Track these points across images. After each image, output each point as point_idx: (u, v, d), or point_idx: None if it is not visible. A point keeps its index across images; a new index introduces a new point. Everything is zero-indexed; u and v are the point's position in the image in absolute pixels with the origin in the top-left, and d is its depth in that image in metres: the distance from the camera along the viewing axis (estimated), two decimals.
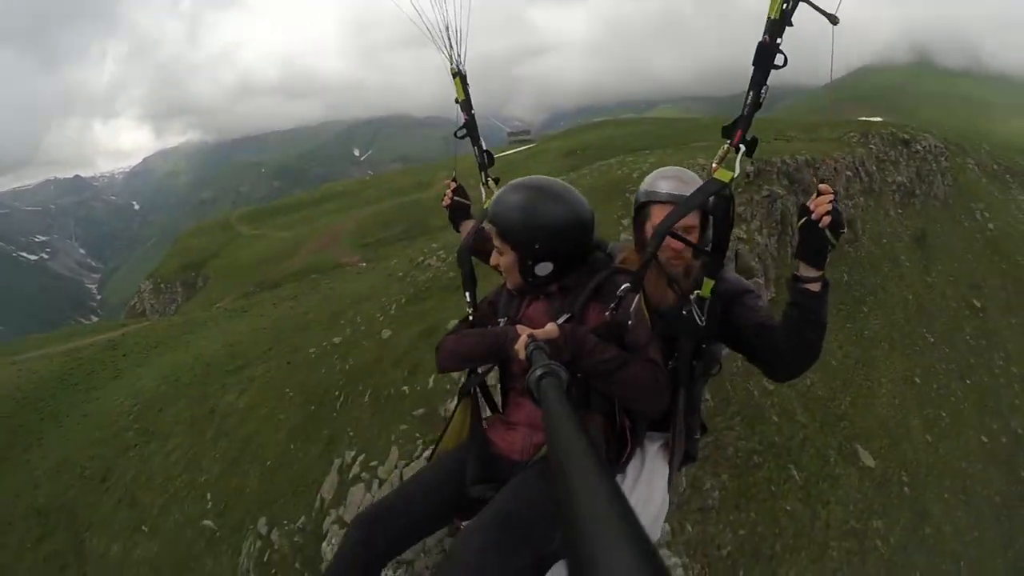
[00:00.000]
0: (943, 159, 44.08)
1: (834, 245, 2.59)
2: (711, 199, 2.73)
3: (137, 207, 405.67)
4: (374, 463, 12.56)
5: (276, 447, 15.85)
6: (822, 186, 2.60)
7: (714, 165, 2.70)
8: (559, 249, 2.82)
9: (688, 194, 2.90)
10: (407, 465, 11.98)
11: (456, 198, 3.77)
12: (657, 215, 3.07)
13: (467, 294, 3.46)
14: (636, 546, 0.68)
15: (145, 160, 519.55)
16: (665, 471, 3.07)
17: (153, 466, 19.75)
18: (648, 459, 3.06)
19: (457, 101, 3.67)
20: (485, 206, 3.45)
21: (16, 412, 30.68)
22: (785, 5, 2.43)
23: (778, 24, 2.43)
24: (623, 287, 2.79)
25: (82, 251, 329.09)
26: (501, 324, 3.03)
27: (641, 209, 3.14)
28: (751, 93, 2.58)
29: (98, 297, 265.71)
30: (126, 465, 21.13)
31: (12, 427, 29.33)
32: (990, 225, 40.91)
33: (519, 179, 2.90)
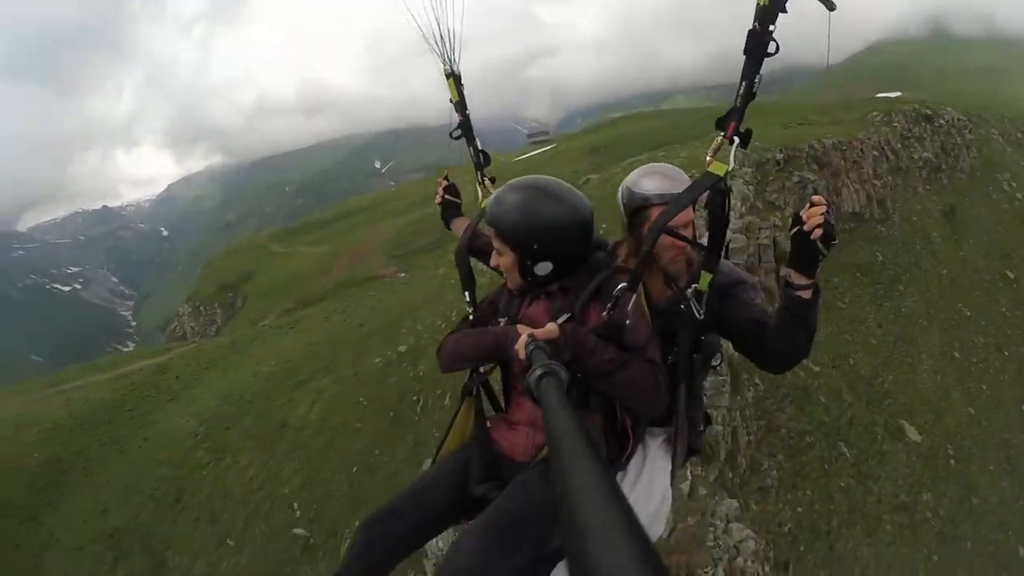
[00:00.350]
0: (967, 132, 43.73)
1: (825, 255, 2.64)
2: (707, 193, 2.75)
3: (165, 233, 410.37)
4: None
5: (359, 454, 16.40)
6: (815, 197, 2.63)
7: (708, 158, 2.71)
8: (558, 249, 2.81)
9: (676, 191, 2.95)
10: None
11: (447, 196, 3.79)
12: (655, 216, 3.00)
13: (466, 294, 3.44)
14: (635, 546, 0.67)
15: (169, 187, 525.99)
16: (667, 467, 3.04)
17: (229, 482, 20.58)
18: (650, 455, 3.03)
19: (452, 101, 3.68)
20: (482, 205, 3.48)
21: (73, 439, 31.85)
22: None
23: (769, 11, 2.38)
24: (620, 286, 2.78)
25: (114, 279, 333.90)
26: (501, 324, 3.02)
27: (637, 212, 3.09)
28: (744, 83, 2.54)
29: (133, 324, 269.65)
30: (199, 484, 21.94)
31: (70, 454, 30.37)
32: (1018, 195, 40.81)
33: (517, 179, 2.87)
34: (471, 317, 3.30)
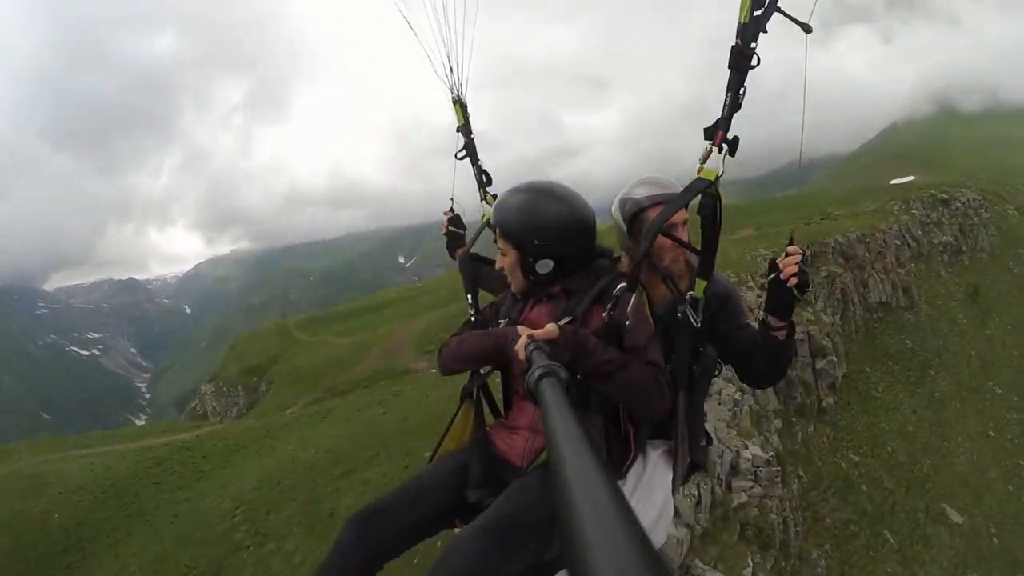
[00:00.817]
0: (983, 211, 45.10)
1: (799, 300, 2.74)
2: (699, 199, 2.81)
3: (189, 310, 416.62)
4: None
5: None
6: (791, 248, 2.74)
7: (699, 165, 2.78)
8: (559, 247, 2.85)
9: (668, 193, 3.06)
10: None
11: (452, 228, 3.87)
12: (652, 216, 3.07)
13: (469, 297, 3.46)
14: (639, 551, 0.65)
15: (197, 266, 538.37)
16: (667, 478, 3.02)
17: (273, 567, 20.17)
18: (649, 466, 3.00)
19: (458, 129, 3.85)
20: (482, 226, 3.63)
21: (97, 506, 31.07)
22: (756, 11, 2.49)
23: (750, 28, 2.49)
24: (619, 287, 2.80)
25: (133, 350, 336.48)
26: (502, 325, 3.03)
27: (635, 219, 3.13)
28: (729, 95, 2.62)
29: (147, 396, 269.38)
30: (239, 565, 21.40)
31: (95, 521, 29.55)
32: None
33: (521, 183, 2.94)
34: (473, 320, 3.31)
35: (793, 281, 2.68)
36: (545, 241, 2.84)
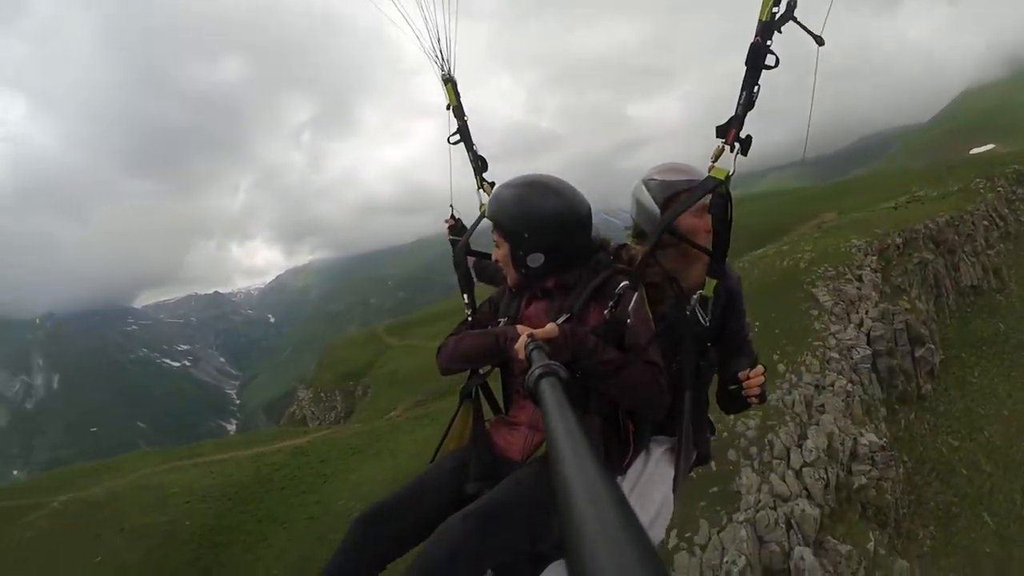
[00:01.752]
0: None
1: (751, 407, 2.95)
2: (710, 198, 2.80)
3: (272, 320, 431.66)
4: (688, 534, 15.78)
5: None
6: (756, 368, 2.94)
7: (710, 164, 2.78)
8: (549, 240, 2.83)
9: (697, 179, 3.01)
10: (719, 532, 15.78)
11: (453, 237, 3.85)
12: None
13: (465, 296, 3.45)
14: (635, 546, 0.67)
15: (278, 277, 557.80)
16: (668, 474, 3.03)
17: None
18: (652, 462, 3.02)
19: (449, 107, 3.74)
20: (482, 208, 3.55)
21: (225, 513, 32.83)
22: (775, 9, 2.50)
23: (768, 26, 2.50)
24: (622, 285, 2.79)
25: (222, 359, 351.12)
26: (501, 324, 3.02)
27: (670, 202, 3.08)
28: (744, 93, 2.62)
29: (237, 402, 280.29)
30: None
31: (226, 528, 31.26)
32: None
33: (517, 177, 2.94)
34: (470, 319, 3.32)
35: (754, 401, 2.94)
36: (535, 234, 2.82)
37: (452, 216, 3.86)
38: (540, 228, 2.81)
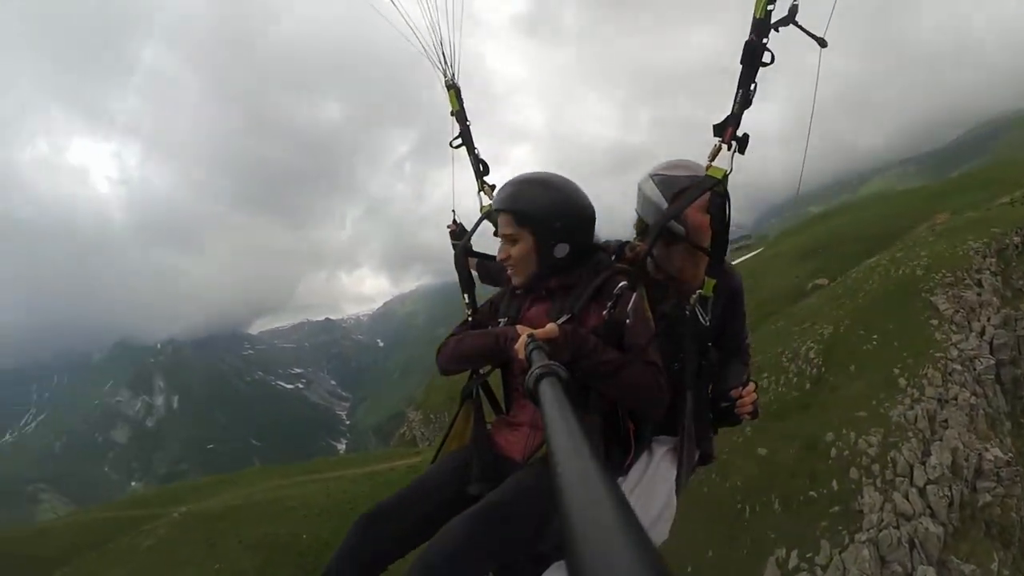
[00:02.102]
0: None
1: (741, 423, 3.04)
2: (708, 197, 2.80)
3: (381, 344, 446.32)
4: (809, 555, 16.10)
5: (696, 556, 18.04)
6: (749, 387, 2.95)
7: (708, 163, 2.75)
8: (576, 231, 2.87)
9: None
10: (841, 552, 15.90)
11: (454, 241, 3.96)
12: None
13: (465, 296, 3.47)
14: (636, 547, 0.66)
15: (386, 303, 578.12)
16: (671, 474, 3.02)
17: None
18: (654, 462, 3.01)
19: (452, 113, 3.79)
20: (484, 211, 3.59)
21: (341, 527, 33.80)
22: (770, 6, 2.47)
23: (763, 24, 2.48)
24: (620, 285, 2.78)
25: (333, 382, 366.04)
26: (501, 324, 3.02)
27: (678, 198, 3.04)
28: (740, 91, 2.61)
29: (347, 423, 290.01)
30: None
31: (339, 540, 30.62)
32: None
33: (523, 173, 2.97)
34: (470, 319, 3.31)
35: (746, 418, 2.99)
36: (567, 223, 2.85)
37: (454, 221, 4.05)
38: (572, 217, 2.85)
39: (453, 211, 4.05)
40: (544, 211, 2.85)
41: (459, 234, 4.00)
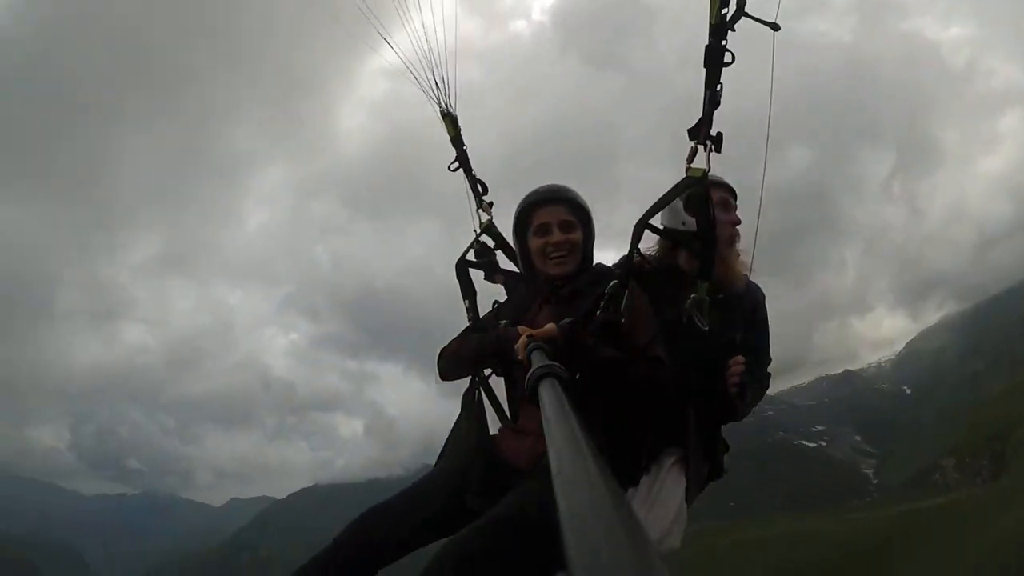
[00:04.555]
0: None
1: (735, 408, 3.13)
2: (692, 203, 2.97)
3: (908, 391, 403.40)
4: None
5: None
6: (736, 358, 2.99)
7: (686, 165, 2.91)
8: (594, 237, 3.27)
9: (718, 178, 3.19)
10: None
11: (479, 260, 4.03)
12: (716, 196, 3.21)
13: (466, 302, 3.61)
14: (637, 548, 0.65)
15: (908, 344, 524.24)
16: (680, 485, 3.04)
17: None
18: (663, 471, 3.04)
19: (452, 142, 4.18)
20: (480, 232, 3.99)
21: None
22: (724, 10, 2.65)
23: (719, 27, 2.68)
24: (611, 284, 2.87)
25: (857, 438, 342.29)
26: (501, 325, 3.13)
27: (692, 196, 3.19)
28: (708, 93, 2.78)
29: (874, 481, 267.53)
30: None
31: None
32: None
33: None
34: (473, 326, 3.49)
35: (734, 391, 3.06)
36: (593, 227, 3.33)
37: (476, 242, 4.06)
38: (593, 224, 3.35)
39: (475, 231, 4.11)
40: (588, 209, 3.20)
41: (482, 253, 4.07)
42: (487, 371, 3.45)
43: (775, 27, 2.83)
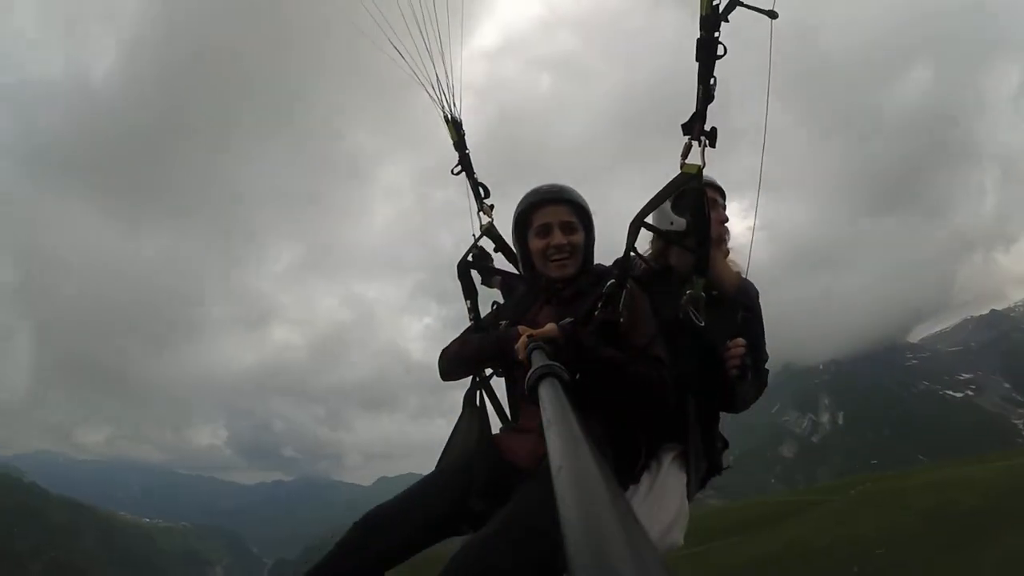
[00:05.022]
0: None
1: (736, 387, 3.15)
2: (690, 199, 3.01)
3: None
4: None
5: None
6: (736, 340, 3.08)
7: (681, 161, 2.96)
8: (594, 239, 3.37)
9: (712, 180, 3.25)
10: None
11: (479, 264, 4.11)
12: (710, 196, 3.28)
13: (468, 302, 3.68)
14: (637, 548, 0.65)
15: None
16: (681, 481, 3.09)
17: None
18: (663, 469, 3.08)
19: (453, 142, 4.29)
20: (480, 234, 4.14)
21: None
22: (715, 1, 2.70)
23: (711, 19, 2.72)
24: (608, 283, 2.96)
25: (1006, 385, 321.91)
26: (502, 326, 3.24)
27: (684, 195, 3.23)
28: (701, 87, 2.81)
29: None
30: None
31: None
32: None
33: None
34: (475, 326, 3.61)
35: (734, 373, 3.11)
36: (593, 227, 3.34)
37: (476, 245, 4.14)
38: (592, 224, 3.35)
39: (474, 235, 4.17)
40: (589, 209, 3.23)
41: (480, 258, 4.13)
42: (488, 371, 3.54)
43: (772, 15, 2.76)
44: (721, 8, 2.74)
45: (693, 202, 3.02)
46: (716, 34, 2.75)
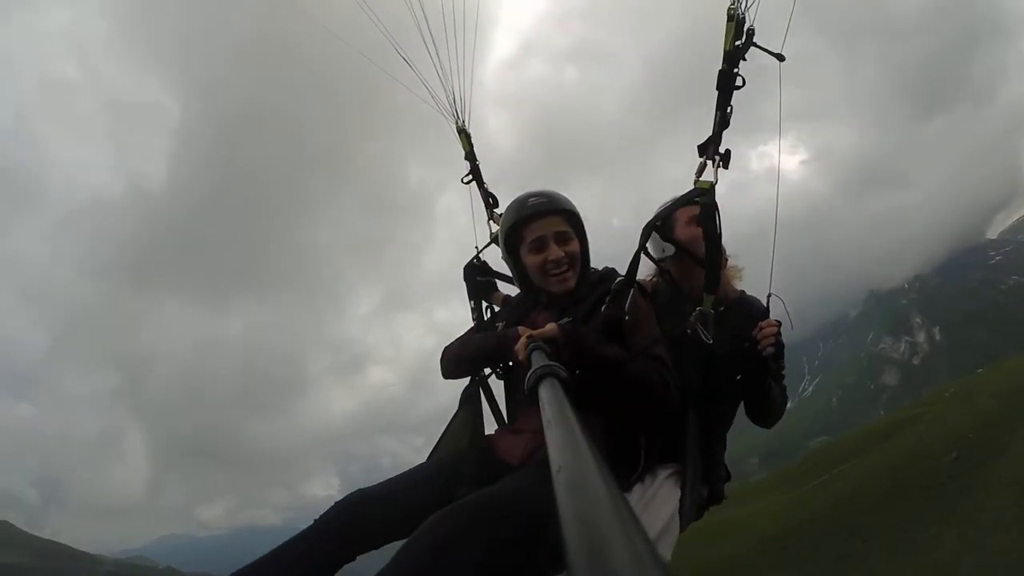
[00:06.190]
0: None
1: (771, 371, 3.19)
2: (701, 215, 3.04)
3: None
4: None
5: None
6: (767, 320, 3.12)
7: (695, 178, 3.07)
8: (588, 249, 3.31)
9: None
10: None
11: (480, 277, 4.05)
12: (683, 217, 3.45)
13: (471, 302, 3.73)
14: (641, 553, 0.63)
15: None
16: (674, 497, 3.03)
17: None
18: (657, 482, 3.05)
19: (466, 157, 4.35)
20: (488, 241, 4.11)
21: None
22: (737, 42, 2.89)
23: (732, 55, 2.91)
24: (616, 281, 2.99)
25: None
26: (500, 326, 3.27)
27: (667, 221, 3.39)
28: (719, 114, 2.97)
29: None
30: None
31: None
32: None
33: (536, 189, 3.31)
34: (477, 326, 3.65)
35: (769, 351, 3.12)
36: (585, 231, 3.28)
37: (477, 257, 4.11)
38: (584, 228, 3.30)
39: (476, 247, 4.16)
40: (579, 213, 3.19)
41: (482, 271, 4.09)
42: (488, 371, 3.55)
43: (780, 58, 2.93)
44: (740, 43, 2.96)
45: (705, 217, 3.03)
46: (736, 69, 2.95)
